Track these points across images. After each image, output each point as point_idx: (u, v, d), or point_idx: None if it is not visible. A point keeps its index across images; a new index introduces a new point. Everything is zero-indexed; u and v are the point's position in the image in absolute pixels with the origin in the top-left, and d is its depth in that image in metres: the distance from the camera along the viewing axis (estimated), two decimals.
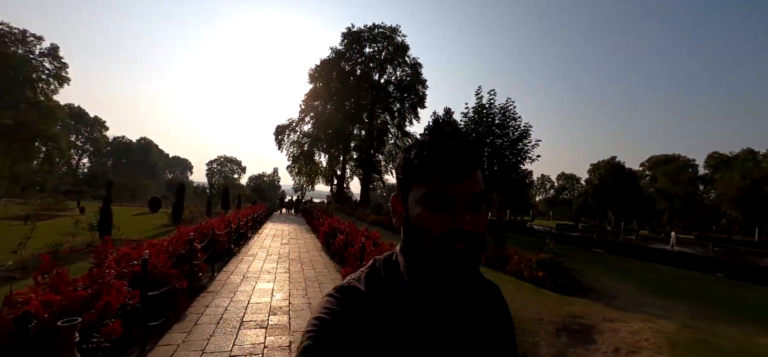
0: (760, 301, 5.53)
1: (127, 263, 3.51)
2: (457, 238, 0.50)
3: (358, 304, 0.54)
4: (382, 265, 0.60)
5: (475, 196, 0.52)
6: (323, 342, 0.49)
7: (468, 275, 0.53)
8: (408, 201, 0.56)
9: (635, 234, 31.50)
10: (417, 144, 0.57)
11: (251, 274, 5.60)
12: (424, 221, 0.52)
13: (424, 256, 0.53)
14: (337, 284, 0.59)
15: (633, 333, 3.26)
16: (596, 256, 11.30)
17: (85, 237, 7.98)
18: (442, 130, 0.61)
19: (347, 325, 0.51)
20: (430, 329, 0.54)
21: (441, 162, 0.53)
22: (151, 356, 2.69)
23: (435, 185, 0.52)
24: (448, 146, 0.53)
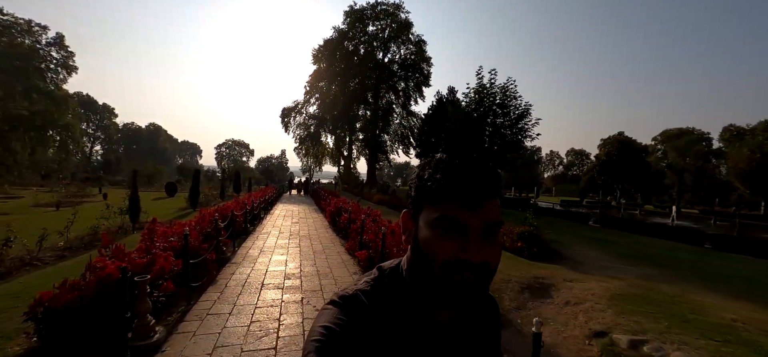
0: (718, 266, 6.13)
1: (166, 239, 4.27)
2: (466, 268, 0.48)
3: (361, 316, 0.53)
4: (388, 275, 0.59)
5: (490, 225, 0.50)
6: (327, 351, 0.49)
7: (473, 305, 0.53)
8: (419, 220, 0.54)
9: (639, 209, 31.83)
10: (432, 163, 0.55)
11: (267, 249, 6.39)
12: (432, 246, 0.51)
13: (430, 281, 0.51)
14: (339, 292, 0.57)
15: (584, 290, 3.92)
16: (588, 229, 11.90)
17: (116, 220, 8.85)
18: (461, 154, 0.78)
19: (349, 338, 0.51)
20: (430, 345, 0.54)
21: (456, 188, 0.50)
22: (196, 308, 3.45)
23: (448, 211, 0.50)
24: (465, 172, 0.51)
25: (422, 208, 0.53)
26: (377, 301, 0.56)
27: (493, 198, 0.51)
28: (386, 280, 0.58)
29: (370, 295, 0.56)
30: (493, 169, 0.52)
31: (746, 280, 5.03)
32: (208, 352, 2.59)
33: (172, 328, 2.99)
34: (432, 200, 0.52)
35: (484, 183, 0.50)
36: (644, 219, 24.02)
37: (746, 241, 11.59)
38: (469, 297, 0.49)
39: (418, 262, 0.53)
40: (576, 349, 2.84)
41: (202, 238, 4.98)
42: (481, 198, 0.49)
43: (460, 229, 0.49)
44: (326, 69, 37.87)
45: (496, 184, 0.52)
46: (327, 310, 0.55)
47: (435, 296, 0.51)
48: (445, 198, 0.50)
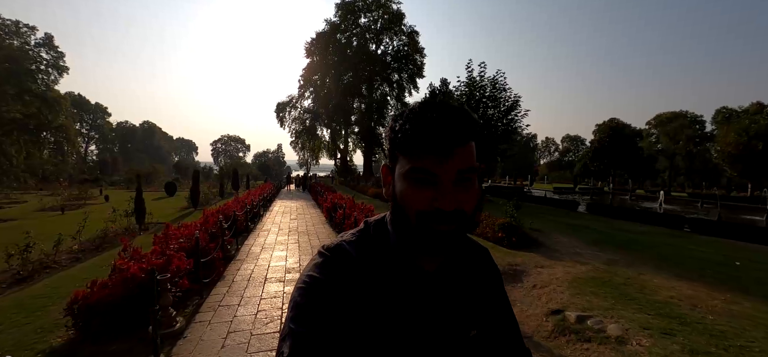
0: (682, 249, 6.69)
1: (177, 241, 4.73)
2: (440, 217, 0.48)
3: (346, 266, 0.54)
4: (373, 228, 0.60)
5: (463, 171, 0.49)
6: (313, 299, 0.50)
7: (451, 252, 0.54)
8: (394, 173, 0.54)
9: (629, 194, 32.56)
10: (404, 114, 0.54)
11: (268, 246, 6.86)
12: (406, 197, 0.51)
13: (407, 230, 0.52)
14: (326, 244, 0.58)
15: (550, 275, 4.43)
16: (574, 217, 12.45)
17: (123, 222, 9.28)
18: (431, 100, 0.53)
19: (335, 287, 0.51)
20: (417, 293, 0.55)
21: (426, 136, 0.49)
22: (209, 301, 3.93)
23: (418, 161, 0.49)
24: (434, 120, 0.49)
25: (397, 160, 0.53)
26: (362, 250, 0.56)
27: (465, 144, 0.50)
28: (372, 231, 0.60)
29: (355, 245, 0.57)
30: (464, 114, 0.51)
31: (701, 261, 5.56)
32: (223, 336, 3.07)
33: (190, 318, 3.47)
34: (404, 151, 0.52)
35: (452, 131, 0.49)
36: (633, 204, 24.76)
37: (724, 224, 12.18)
38: (446, 243, 0.50)
39: (397, 214, 0.54)
40: (535, 325, 3.34)
41: (209, 238, 5.44)
42: (451, 146, 0.49)
43: (432, 178, 0.49)
44: (320, 62, 37.93)
45: (467, 129, 0.50)
46: (312, 261, 0.56)
47: (414, 245, 0.52)
48: (415, 149, 0.50)
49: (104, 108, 77.29)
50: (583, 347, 2.83)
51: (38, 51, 45.64)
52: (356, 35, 38.38)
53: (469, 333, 0.60)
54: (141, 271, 3.52)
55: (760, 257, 6.80)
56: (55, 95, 45.28)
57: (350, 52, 37.56)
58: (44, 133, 45.62)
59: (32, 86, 42.31)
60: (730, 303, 3.48)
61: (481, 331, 0.62)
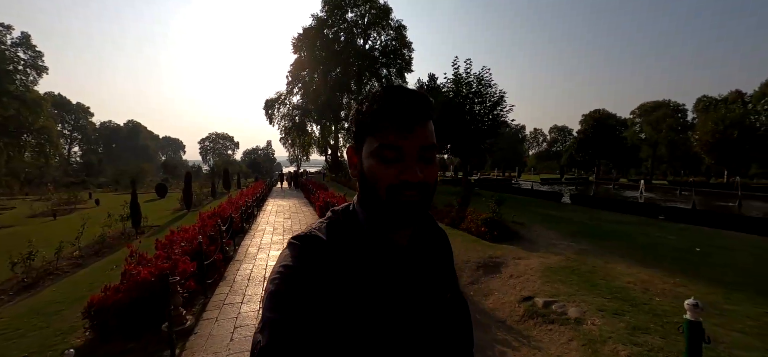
0: (651, 237, 7.25)
1: (179, 244, 5.02)
2: (407, 188, 0.53)
3: (319, 251, 0.55)
4: (341, 214, 0.62)
5: (425, 147, 0.55)
6: (288, 288, 0.51)
7: (418, 221, 0.58)
8: (362, 153, 0.58)
9: (613, 183, 33.66)
10: (369, 97, 0.59)
11: (264, 246, 7.18)
12: (375, 172, 0.55)
13: (378, 205, 0.56)
14: (296, 233, 0.60)
15: (526, 265, 4.88)
16: (557, 208, 13.02)
17: (118, 227, 9.44)
18: (392, 86, 0.59)
19: (310, 272, 0.53)
20: (389, 271, 0.57)
21: (391, 115, 0.55)
22: (213, 300, 4.26)
23: (385, 138, 0.54)
24: (398, 100, 0.55)
25: (364, 141, 0.58)
26: (333, 234, 0.58)
27: (425, 122, 0.56)
28: (340, 216, 0.62)
29: (325, 230, 0.59)
30: (422, 96, 0.57)
31: (665, 249, 6.10)
32: (231, 331, 3.41)
33: (198, 316, 3.80)
34: (371, 131, 0.56)
35: (414, 110, 0.55)
36: (616, 194, 25.69)
37: (698, 212, 12.93)
38: (414, 212, 0.55)
39: (366, 190, 0.57)
40: (509, 310, 3.78)
41: (209, 241, 5.73)
42: (414, 121, 0.54)
43: (398, 153, 0.54)
44: (307, 58, 37.82)
45: (425, 108, 0.56)
46: (283, 252, 0.57)
47: (384, 217, 0.56)
48: (381, 127, 0.55)
49: (86, 108, 75.50)
50: (547, 328, 3.26)
51: (15, 51, 44.28)
52: (344, 30, 38.34)
53: (445, 296, 0.65)
54: (151, 275, 3.82)
55: (724, 243, 7.39)
56: (34, 96, 44.13)
57: (338, 48, 37.55)
58: (25, 135, 44.50)
59: (10, 88, 41.13)
60: (678, 286, 3.96)
61: (453, 294, 0.68)
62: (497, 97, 16.46)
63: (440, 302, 0.64)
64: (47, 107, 47.12)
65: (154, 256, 4.55)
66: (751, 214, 14.82)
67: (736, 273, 4.68)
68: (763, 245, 7.53)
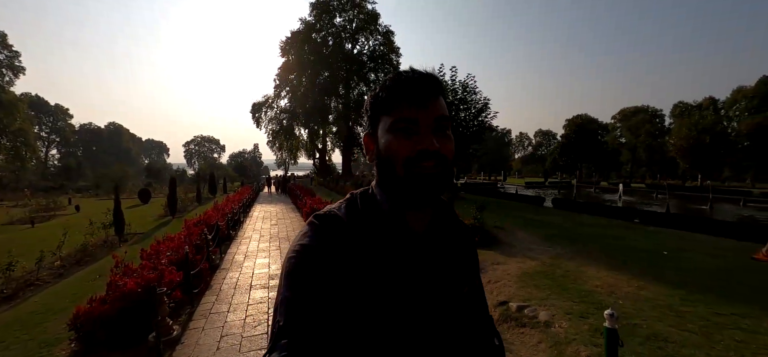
0: (623, 241, 7.64)
1: (165, 254, 5.06)
2: (424, 157, 0.54)
3: (339, 230, 0.56)
4: (359, 196, 0.63)
5: (439, 118, 0.56)
6: (307, 266, 0.51)
7: (437, 194, 0.57)
8: (377, 135, 0.60)
9: (594, 187, 34.71)
10: (381, 83, 0.61)
11: (250, 253, 7.24)
12: (392, 147, 0.56)
13: (396, 181, 0.56)
14: (316, 213, 0.60)
15: (504, 270, 5.12)
16: (538, 212, 13.43)
17: (100, 235, 9.30)
18: (403, 70, 0.62)
19: (328, 251, 0.52)
20: (409, 253, 0.57)
21: (404, 91, 0.56)
22: (200, 309, 4.33)
23: (401, 113, 0.56)
24: (410, 77, 0.57)
25: (379, 122, 0.59)
26: (352, 215, 0.59)
27: (438, 96, 0.58)
28: (358, 199, 0.62)
29: (345, 211, 0.60)
30: (432, 75, 0.59)
31: (634, 252, 6.46)
32: (217, 340, 3.51)
33: (184, 325, 3.88)
34: (386, 110, 0.58)
35: (428, 83, 0.57)
36: (597, 197, 26.52)
37: (671, 216, 13.55)
38: (432, 184, 0.55)
39: (384, 169, 0.58)
40: None
41: (195, 250, 5.77)
42: (428, 96, 0.56)
43: (414, 126, 0.55)
44: (295, 61, 37.78)
45: (438, 84, 0.59)
46: (302, 231, 0.58)
47: (403, 192, 0.56)
48: (396, 103, 0.56)
49: (65, 109, 73.13)
50: (519, 331, 3.49)
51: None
52: (332, 35, 38.52)
53: (462, 289, 0.63)
54: (138, 286, 3.88)
55: (691, 246, 7.84)
56: (10, 97, 42.59)
57: (326, 51, 37.67)
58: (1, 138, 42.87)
59: None
60: (640, 288, 4.26)
61: (470, 288, 0.66)
62: (482, 104, 16.90)
63: (455, 295, 0.62)
64: (24, 109, 45.54)
65: (139, 266, 4.60)
66: (720, 218, 15.61)
67: (696, 276, 5.02)
68: (728, 247, 8.01)
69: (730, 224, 11.94)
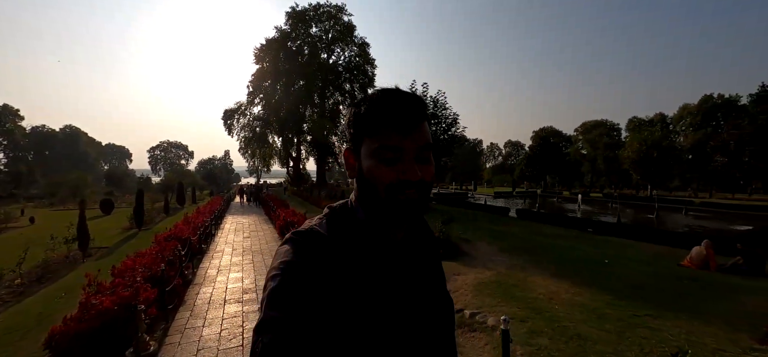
0: (572, 249, 8.47)
1: (138, 271, 5.16)
2: (407, 187, 0.55)
3: (320, 246, 0.56)
4: (339, 210, 0.65)
5: (422, 147, 0.58)
6: (289, 284, 0.51)
7: (417, 218, 0.60)
8: (360, 154, 0.60)
9: (557, 197, 36.79)
10: (366, 99, 0.60)
11: (223, 267, 7.36)
12: (375, 173, 0.57)
13: (377, 204, 0.58)
14: (295, 229, 0.61)
15: (463, 281, 5.65)
16: (503, 222, 14.28)
17: (62, 249, 9.00)
18: (387, 89, 0.63)
19: (311, 267, 0.53)
20: (387, 265, 0.59)
21: (389, 117, 0.56)
22: (175, 325, 4.50)
23: (385, 139, 0.56)
24: (396, 101, 0.57)
25: (362, 142, 0.60)
26: (333, 230, 0.60)
27: (422, 122, 0.59)
28: (338, 213, 0.64)
29: (325, 226, 0.61)
30: (418, 98, 0.60)
31: (580, 261, 7.22)
32: (194, 354, 3.74)
33: (160, 341, 4.06)
34: (370, 132, 0.58)
35: (413, 109, 0.58)
36: (560, 206, 28.21)
37: (622, 225, 14.81)
38: (413, 210, 0.57)
39: (365, 190, 0.60)
40: None
41: (168, 265, 5.87)
42: (414, 123, 0.57)
43: (398, 154, 0.56)
44: (270, 69, 37.52)
45: (422, 110, 0.60)
46: (282, 247, 0.58)
47: (383, 216, 0.59)
48: (381, 127, 0.57)
49: (15, 110, 67.87)
50: (470, 336, 3.98)
51: None
52: (308, 44, 38.68)
53: (442, 289, 0.67)
54: (113, 304, 4.02)
55: (631, 254, 8.79)
56: None
57: (302, 60, 37.73)
58: None
59: None
60: (576, 295, 4.91)
61: (443, 293, 0.70)
62: (451, 118, 17.80)
63: (436, 296, 0.66)
64: None
65: (110, 283, 4.70)
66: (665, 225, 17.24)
67: (626, 282, 5.78)
68: (662, 254, 9.04)
69: (668, 233, 13.35)
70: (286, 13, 37.84)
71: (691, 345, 3.44)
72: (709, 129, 41.53)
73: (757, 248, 7.97)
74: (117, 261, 6.39)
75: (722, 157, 26.38)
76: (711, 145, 28.93)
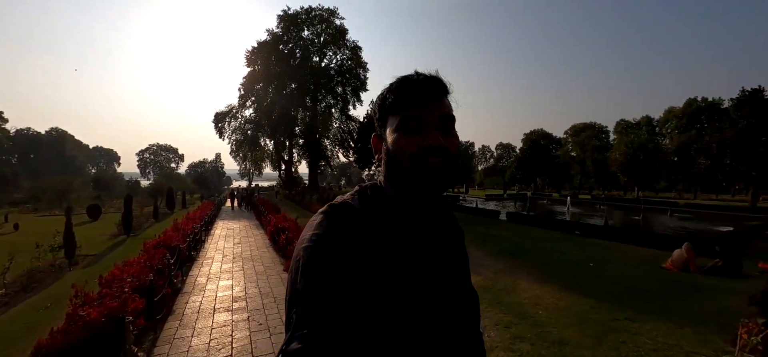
0: (558, 252, 8.65)
1: (126, 281, 5.14)
2: (430, 153, 0.57)
3: (353, 219, 0.58)
4: (370, 188, 0.67)
5: (444, 117, 0.60)
6: (322, 256, 0.52)
7: (443, 188, 0.60)
8: (385, 134, 0.64)
9: (547, 199, 37.29)
10: (389, 86, 0.64)
11: (213, 275, 7.34)
12: (399, 144, 0.60)
13: (403, 174, 0.60)
14: (330, 202, 0.63)
15: None
16: (493, 226, 14.47)
17: (48, 257, 8.86)
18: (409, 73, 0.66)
19: (344, 239, 0.54)
20: (415, 245, 0.60)
21: (411, 91, 0.60)
22: (163, 335, 4.50)
23: (407, 112, 0.60)
24: (417, 78, 0.61)
25: (387, 123, 0.64)
26: (365, 205, 0.63)
27: (443, 96, 0.62)
28: (368, 192, 0.66)
29: (358, 200, 0.64)
30: (438, 77, 0.63)
31: (566, 264, 7.40)
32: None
33: (148, 352, 4.06)
34: (394, 110, 0.62)
35: (433, 84, 0.61)
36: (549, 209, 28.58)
37: (609, 228, 15.07)
38: (437, 179, 0.59)
39: (391, 165, 0.62)
40: None
41: (156, 275, 5.85)
42: (433, 95, 0.60)
43: (419, 123, 0.59)
44: (262, 71, 37.43)
45: (443, 85, 0.63)
46: (315, 220, 0.60)
47: (409, 186, 0.60)
48: (403, 103, 0.61)
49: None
50: None
51: None
52: (300, 47, 38.67)
53: (469, 281, 0.68)
54: (101, 315, 4.02)
55: (615, 257, 8.98)
56: None
57: (294, 63, 37.72)
58: None
59: None
60: (559, 299, 5.05)
61: (467, 279, 0.71)
62: None
63: (461, 287, 0.67)
64: None
65: (98, 294, 4.68)
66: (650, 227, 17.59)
67: (609, 285, 5.94)
68: (646, 257, 9.21)
69: (653, 235, 13.64)
70: (278, 16, 37.82)
71: (667, 348, 3.59)
72: (694, 132, 42.66)
73: (735, 249, 8.25)
74: (104, 269, 6.36)
75: (705, 159, 27.09)
76: (694, 148, 29.68)
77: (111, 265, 7.25)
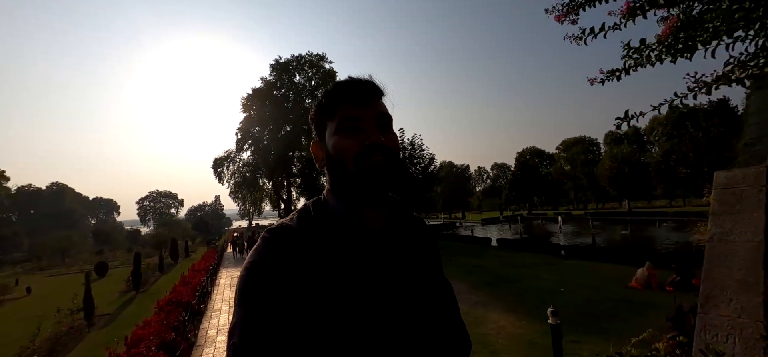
0: (536, 278, 9.51)
1: (152, 341, 6.00)
2: (373, 152, 0.58)
3: (290, 241, 0.56)
4: (312, 205, 0.65)
5: (382, 116, 0.61)
6: (257, 282, 0.50)
7: (388, 188, 0.60)
8: (325, 140, 0.63)
9: (541, 218, 38.14)
10: (324, 92, 0.65)
11: (222, 327, 8.13)
12: (340, 146, 0.59)
13: (348, 178, 0.59)
14: (268, 227, 0.61)
15: None
16: (482, 255, 15.29)
17: (67, 320, 9.59)
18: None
19: (280, 264, 0.53)
20: (362, 257, 0.58)
21: (347, 92, 0.61)
22: None
23: (344, 113, 0.60)
24: (349, 81, 0.62)
25: (325, 128, 0.64)
26: (304, 224, 0.61)
27: (379, 97, 0.64)
28: (311, 208, 0.65)
29: (297, 221, 0.62)
30: (371, 79, 0.64)
31: (538, 291, 8.21)
32: None
33: None
34: (331, 113, 0.62)
35: (367, 85, 0.62)
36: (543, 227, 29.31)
37: (596, 248, 15.82)
38: (382, 177, 0.59)
39: (335, 169, 0.62)
40: None
41: (175, 332, 6.70)
42: (368, 96, 0.62)
43: (358, 123, 0.60)
44: (257, 116, 39.16)
45: (376, 87, 0.64)
46: (255, 246, 0.58)
47: (355, 188, 0.60)
48: (339, 106, 0.61)
49: (1, 172, 67.35)
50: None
51: None
52: (293, 92, 40.61)
53: (425, 282, 0.66)
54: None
55: (590, 279, 9.67)
56: None
57: (288, 106, 39.50)
58: None
59: None
60: (519, 327, 5.91)
61: (434, 281, 0.70)
62: (428, 159, 19.28)
63: (420, 287, 0.64)
64: None
65: (124, 352, 5.52)
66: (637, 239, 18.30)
67: (571, 310, 6.72)
68: (620, 276, 9.51)
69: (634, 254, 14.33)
70: (271, 65, 40.08)
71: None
72: (676, 140, 44.17)
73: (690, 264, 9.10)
74: (121, 328, 7.15)
75: (685, 168, 28.29)
76: (673, 158, 30.98)
77: (127, 323, 8.04)
